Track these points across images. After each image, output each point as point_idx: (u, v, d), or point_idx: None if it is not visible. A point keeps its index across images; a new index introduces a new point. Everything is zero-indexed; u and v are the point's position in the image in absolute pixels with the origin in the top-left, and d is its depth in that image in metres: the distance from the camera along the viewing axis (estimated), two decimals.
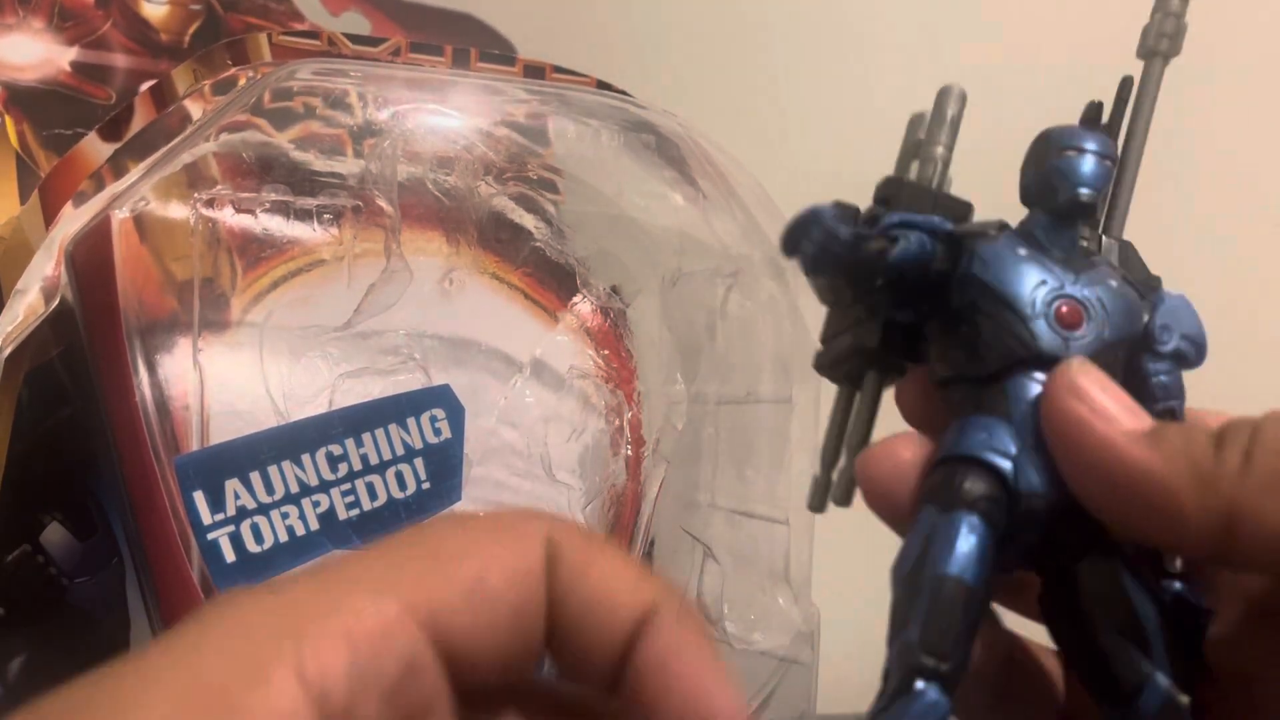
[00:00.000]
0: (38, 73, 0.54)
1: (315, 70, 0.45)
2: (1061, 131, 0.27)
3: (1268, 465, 0.23)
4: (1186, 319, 0.27)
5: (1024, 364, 0.25)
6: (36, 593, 0.42)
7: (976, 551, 0.24)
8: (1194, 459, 0.23)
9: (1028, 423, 0.25)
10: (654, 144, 0.49)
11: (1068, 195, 0.26)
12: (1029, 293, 0.26)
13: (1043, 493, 0.25)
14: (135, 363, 0.41)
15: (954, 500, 0.24)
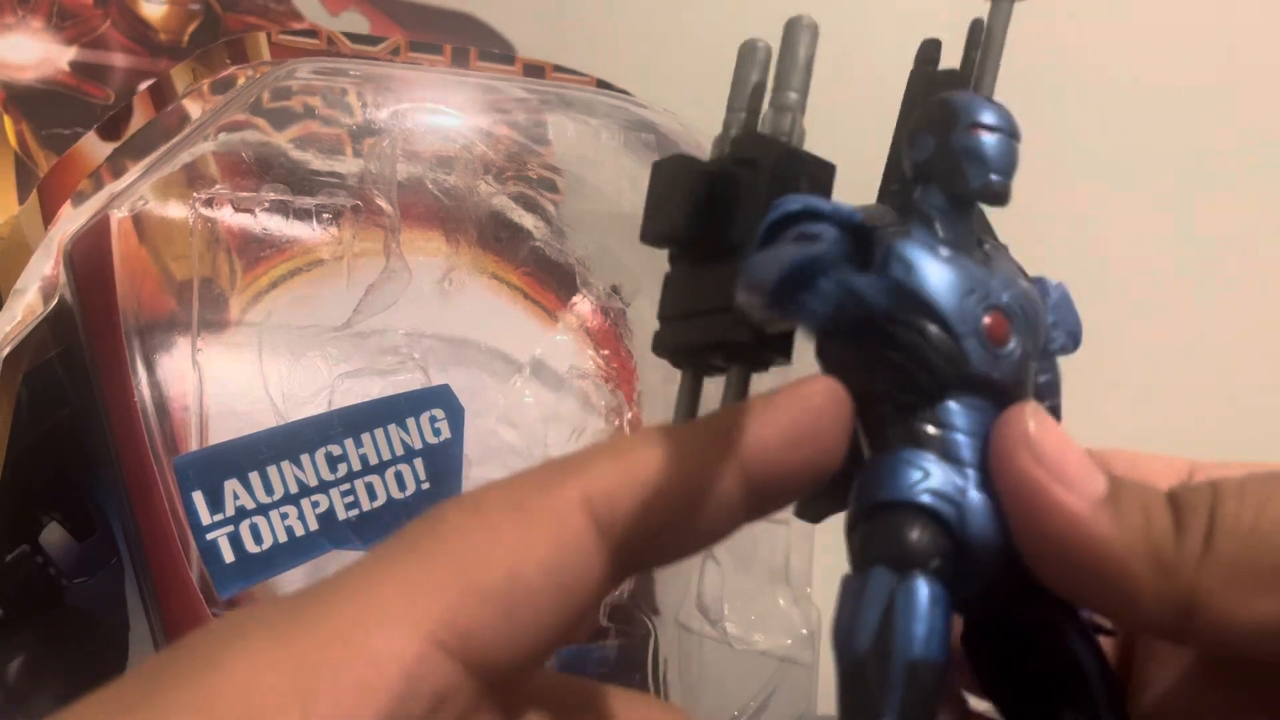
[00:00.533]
0: (37, 72, 0.54)
1: (314, 69, 0.45)
2: (970, 102, 0.23)
3: (1228, 554, 0.21)
4: (1073, 315, 0.25)
5: (953, 387, 0.22)
6: (35, 593, 0.42)
7: (942, 622, 0.21)
8: (1154, 539, 0.22)
9: (964, 459, 0.22)
10: (654, 143, 0.49)
11: (981, 182, 0.23)
12: (958, 304, 0.22)
13: (990, 541, 0.22)
14: (134, 363, 0.41)
15: (906, 559, 0.21)
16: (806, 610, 0.49)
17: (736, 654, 0.47)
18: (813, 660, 0.49)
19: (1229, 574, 0.21)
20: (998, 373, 0.23)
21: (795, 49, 0.27)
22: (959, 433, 0.22)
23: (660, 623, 0.46)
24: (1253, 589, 0.21)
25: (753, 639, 0.48)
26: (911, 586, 0.21)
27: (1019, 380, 0.23)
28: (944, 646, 0.21)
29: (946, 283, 0.22)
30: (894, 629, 0.21)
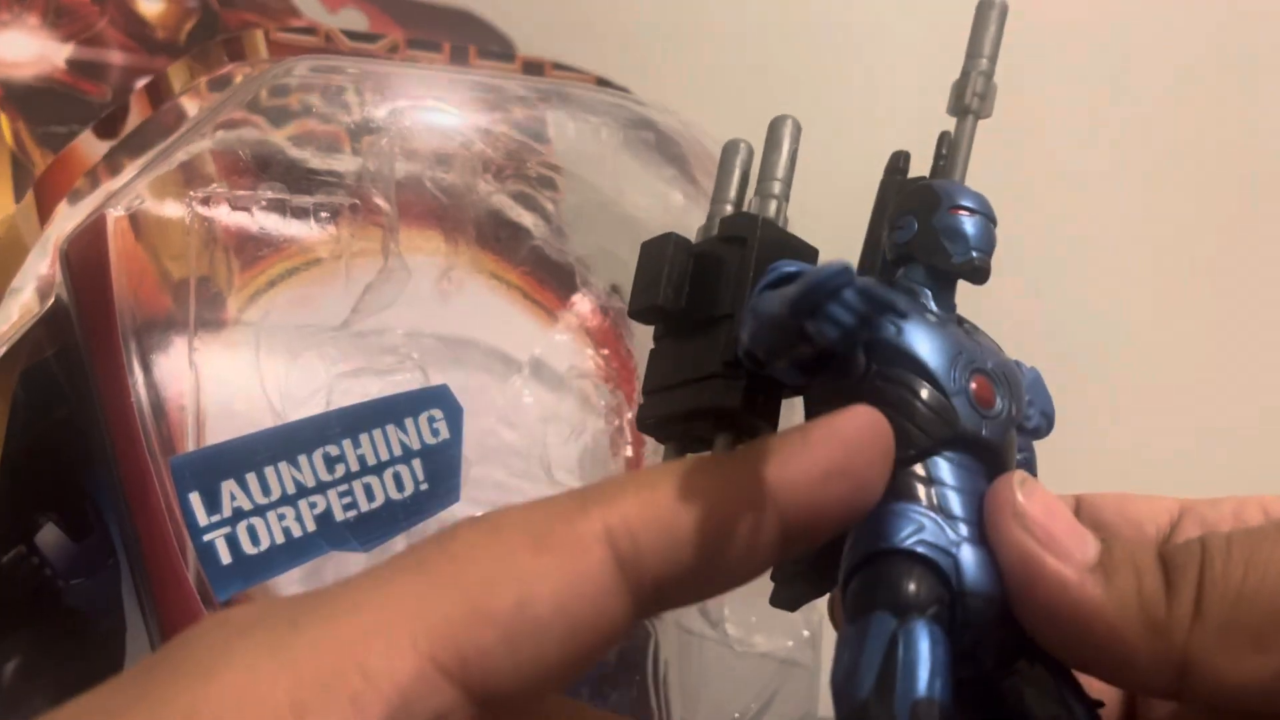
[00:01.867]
0: (33, 70, 0.54)
1: (312, 67, 0.45)
2: (952, 188, 0.26)
3: (1217, 615, 0.22)
4: (1045, 396, 0.26)
5: (943, 444, 0.23)
6: (31, 594, 0.42)
7: (943, 664, 0.21)
8: (1145, 603, 0.22)
9: (955, 513, 0.23)
10: (654, 141, 0.49)
11: (964, 258, 0.25)
12: (947, 365, 0.24)
13: (984, 592, 0.23)
14: (131, 362, 0.40)
15: (907, 605, 0.22)
16: (807, 612, 0.48)
17: (737, 656, 0.47)
18: (814, 662, 0.49)
19: (1220, 635, 0.22)
20: (986, 432, 0.24)
21: (780, 143, 0.29)
22: (949, 489, 0.23)
23: (660, 624, 0.46)
24: (1242, 648, 0.22)
25: (753, 641, 0.48)
26: (913, 628, 0.22)
27: (1006, 443, 0.24)
28: (946, 688, 0.21)
29: (935, 344, 0.24)
30: (896, 670, 0.21)
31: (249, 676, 0.19)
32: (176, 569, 0.39)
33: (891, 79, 0.67)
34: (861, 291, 0.20)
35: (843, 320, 0.20)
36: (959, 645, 0.22)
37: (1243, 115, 0.68)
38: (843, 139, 0.67)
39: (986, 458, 0.24)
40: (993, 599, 0.23)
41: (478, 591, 0.20)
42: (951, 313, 0.25)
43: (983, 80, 0.29)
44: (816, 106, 0.68)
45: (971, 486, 0.23)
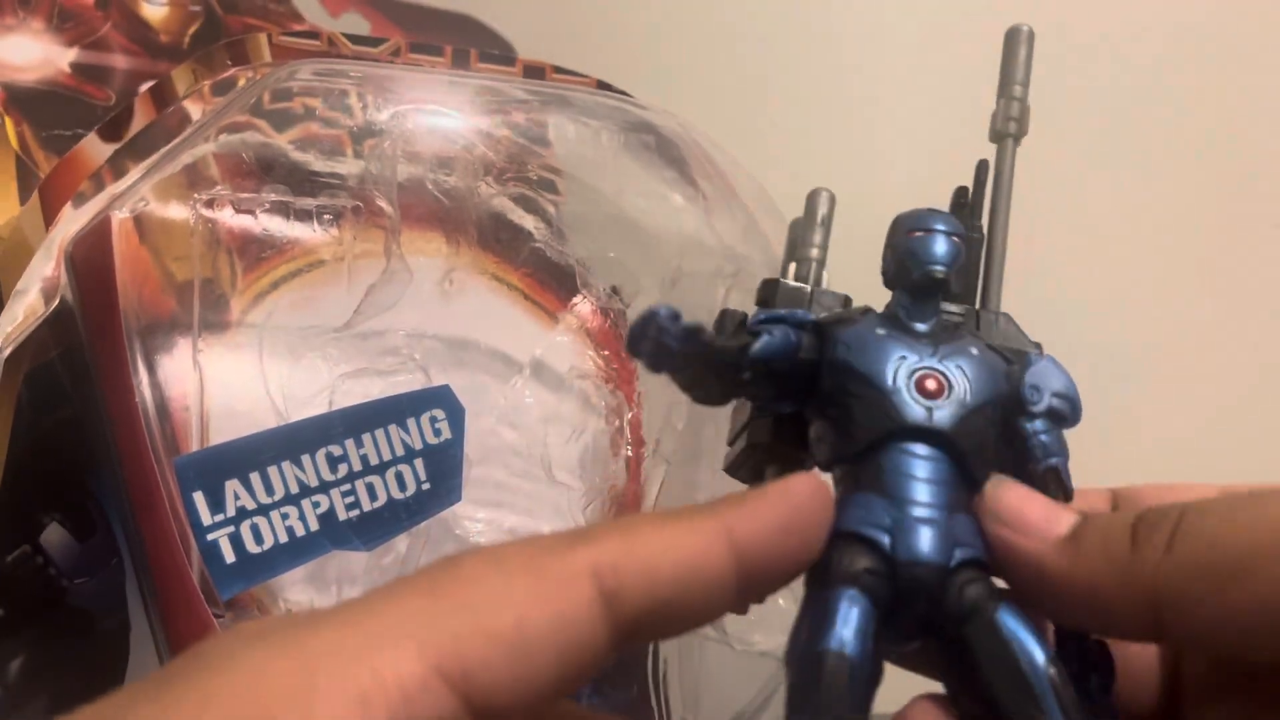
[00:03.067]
0: (37, 74, 0.54)
1: (315, 70, 0.45)
2: (910, 215, 0.28)
3: (1188, 554, 0.23)
4: (1055, 378, 0.28)
5: (893, 436, 0.26)
6: (36, 593, 0.42)
7: (857, 624, 0.24)
8: (1112, 556, 0.24)
9: (902, 493, 0.26)
10: (654, 144, 0.49)
11: (920, 272, 0.28)
12: (890, 368, 0.27)
13: (922, 560, 0.25)
14: (135, 363, 0.41)
15: (833, 577, 0.25)
16: None
17: (737, 654, 0.47)
18: None
19: (1191, 572, 0.23)
20: (931, 421, 0.26)
21: (815, 212, 0.33)
22: (899, 474, 0.26)
23: None
24: (1212, 585, 0.23)
25: (753, 639, 0.48)
26: (834, 595, 0.25)
27: (965, 430, 0.27)
28: (859, 645, 0.24)
29: (873, 354, 0.27)
30: (817, 631, 0.24)
31: (262, 670, 0.20)
32: (180, 568, 0.40)
33: (892, 79, 0.67)
34: (659, 327, 0.24)
35: (646, 349, 0.25)
36: (911, 610, 0.25)
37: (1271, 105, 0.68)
38: (843, 140, 0.67)
39: (943, 441, 0.26)
40: (931, 565, 0.25)
41: (482, 613, 0.21)
42: (928, 323, 0.28)
43: (1017, 106, 0.32)
44: (817, 109, 0.68)
45: (923, 471, 0.26)
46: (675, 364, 0.25)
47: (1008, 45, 0.33)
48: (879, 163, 0.65)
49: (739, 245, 0.49)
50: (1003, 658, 0.25)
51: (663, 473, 0.48)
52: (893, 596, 0.25)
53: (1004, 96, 0.32)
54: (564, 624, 0.22)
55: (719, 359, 0.27)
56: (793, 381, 0.28)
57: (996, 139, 0.32)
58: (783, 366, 0.28)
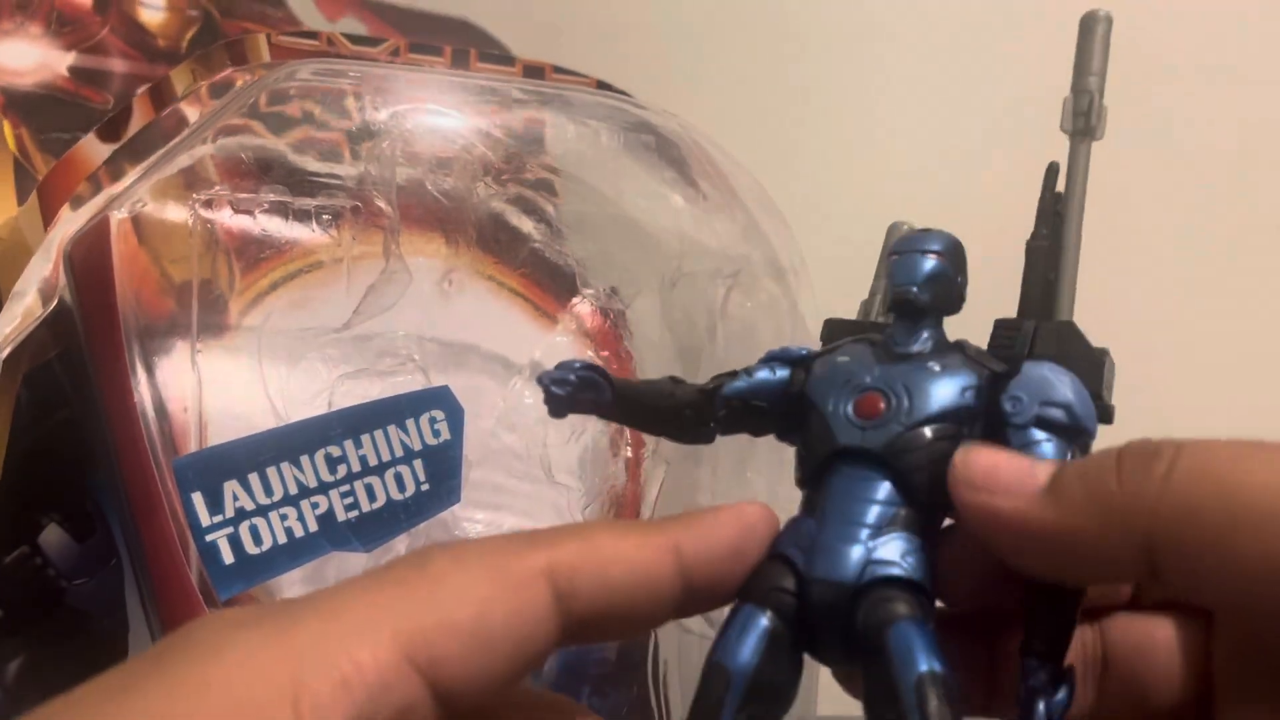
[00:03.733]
0: (36, 77, 0.54)
1: (314, 71, 0.45)
2: (898, 239, 0.29)
3: (1190, 493, 0.23)
4: (1046, 385, 0.27)
5: (836, 459, 0.27)
6: (35, 594, 0.42)
7: (747, 637, 0.25)
8: (1097, 494, 0.24)
9: (829, 513, 0.26)
10: (654, 144, 0.49)
11: (893, 294, 0.28)
12: (833, 393, 0.27)
13: (824, 578, 0.25)
14: (134, 364, 0.40)
15: (747, 593, 0.26)
16: None
17: None
18: (811, 663, 0.48)
19: (1192, 513, 0.22)
20: (864, 441, 0.26)
21: (889, 242, 0.34)
22: (832, 494, 0.26)
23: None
24: (1223, 529, 0.22)
25: None
26: (737, 610, 0.26)
27: (901, 448, 0.26)
28: (746, 658, 0.25)
29: (828, 380, 0.28)
30: (715, 644, 0.25)
31: (253, 658, 0.22)
32: (179, 569, 0.40)
33: (892, 79, 0.67)
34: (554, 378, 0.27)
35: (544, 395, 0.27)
36: (826, 623, 0.25)
37: None
38: (843, 140, 0.67)
39: (876, 461, 0.26)
40: (836, 583, 0.25)
41: (447, 605, 0.23)
42: (918, 344, 0.27)
43: (1087, 99, 0.31)
44: (817, 109, 0.68)
45: (860, 490, 0.26)
46: (573, 409, 0.27)
47: (1083, 31, 0.31)
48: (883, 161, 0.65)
49: (739, 245, 0.49)
50: (886, 675, 0.24)
51: (662, 473, 0.48)
52: (809, 613, 0.25)
53: (1076, 90, 0.31)
54: (520, 620, 0.24)
55: (675, 402, 0.28)
56: (785, 415, 0.28)
57: (1069, 136, 0.31)
58: (767, 403, 0.28)
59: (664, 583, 0.25)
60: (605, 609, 0.25)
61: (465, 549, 0.24)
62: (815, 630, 0.26)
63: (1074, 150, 0.31)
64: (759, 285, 0.49)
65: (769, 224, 0.49)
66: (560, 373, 0.27)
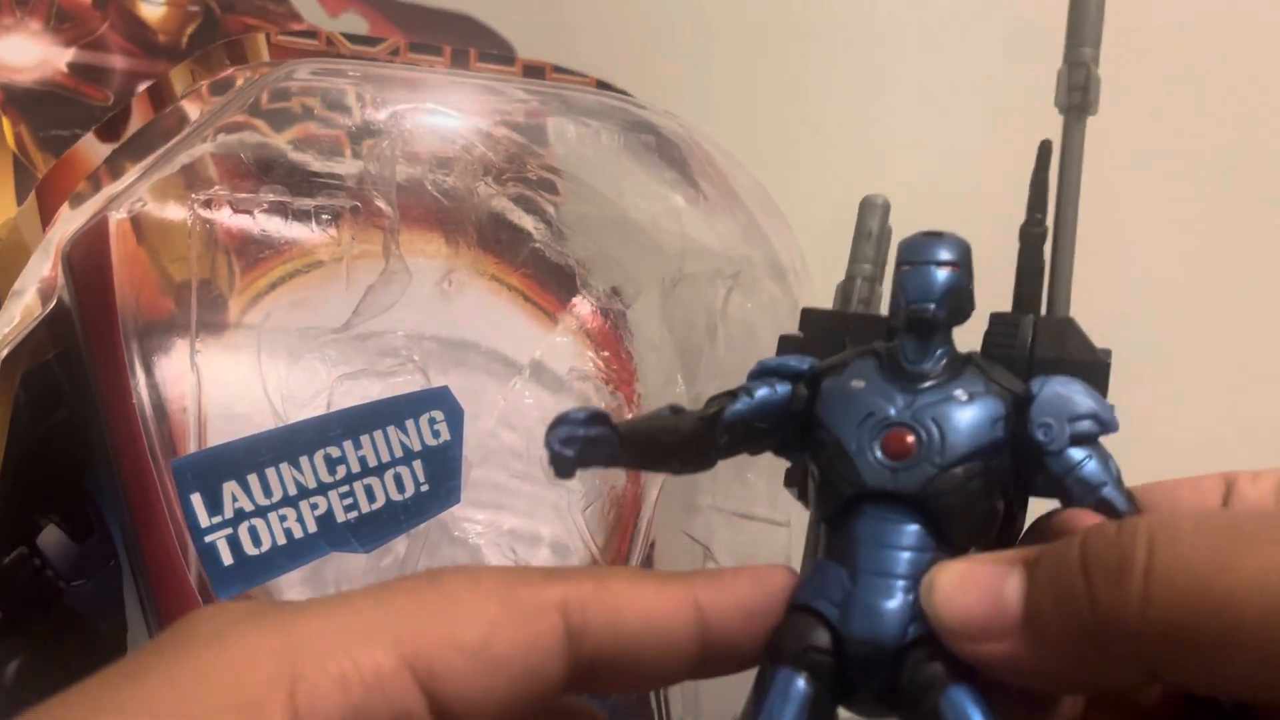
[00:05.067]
0: (35, 74, 0.54)
1: (313, 70, 0.45)
2: (904, 244, 0.26)
3: (1174, 606, 0.21)
4: (1067, 402, 0.25)
5: (859, 501, 0.25)
6: (33, 595, 0.42)
7: (791, 707, 0.24)
8: (1076, 628, 0.22)
9: (862, 564, 0.25)
10: (654, 144, 0.49)
11: (904, 311, 0.26)
12: (855, 428, 0.25)
13: (867, 639, 0.24)
14: (132, 364, 0.40)
15: (780, 653, 0.24)
16: None
17: None
18: None
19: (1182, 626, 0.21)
20: (895, 484, 0.25)
21: (867, 224, 0.31)
22: (860, 540, 0.25)
23: None
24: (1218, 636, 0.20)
25: None
26: (774, 673, 0.24)
27: (936, 491, 0.25)
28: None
29: (845, 410, 0.26)
30: (754, 713, 0.24)
31: (253, 648, 0.22)
32: (178, 570, 0.39)
33: (894, 78, 0.67)
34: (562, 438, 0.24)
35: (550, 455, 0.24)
36: (865, 685, 0.24)
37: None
38: (845, 138, 0.67)
39: (909, 505, 0.25)
40: (880, 644, 0.24)
41: (456, 626, 0.23)
42: (930, 362, 0.26)
43: (1084, 73, 0.29)
44: (818, 108, 0.68)
45: (892, 537, 0.25)
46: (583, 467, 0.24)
47: (1074, 1, 0.29)
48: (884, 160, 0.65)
49: (739, 246, 0.49)
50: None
51: (662, 477, 0.48)
52: (845, 672, 0.24)
53: (1069, 62, 0.28)
54: (527, 650, 0.23)
55: (680, 437, 0.26)
56: (790, 432, 0.27)
57: (1063, 110, 0.29)
58: (769, 422, 0.27)
59: (679, 635, 0.25)
60: (617, 654, 0.24)
61: (481, 572, 0.24)
62: (852, 685, 0.24)
63: (1069, 128, 0.29)
64: (760, 286, 0.49)
65: (770, 224, 0.49)
66: (567, 430, 0.24)
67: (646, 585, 0.25)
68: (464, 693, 0.23)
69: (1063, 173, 0.28)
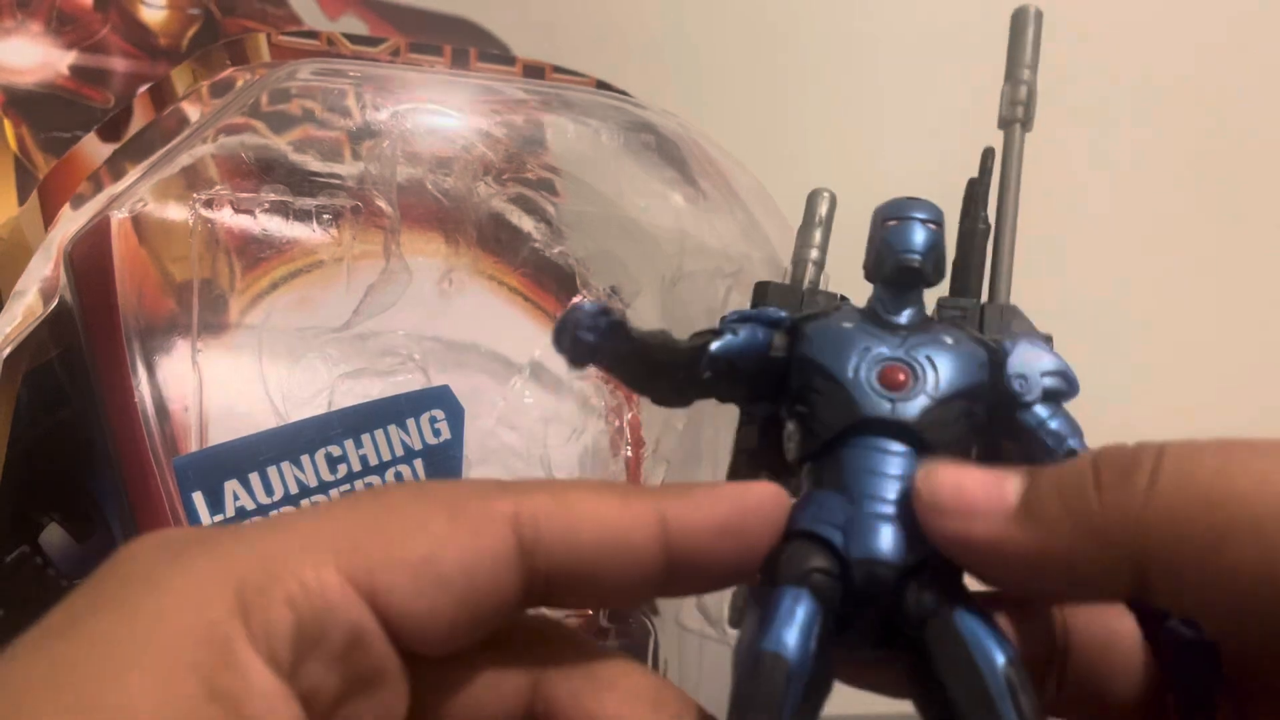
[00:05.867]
0: (36, 76, 0.54)
1: (314, 71, 0.45)
2: (887, 204, 0.27)
3: (1178, 505, 0.21)
4: (1039, 358, 0.27)
5: (855, 430, 0.25)
6: (35, 594, 0.42)
7: (799, 624, 0.23)
8: (1076, 511, 0.22)
9: (860, 489, 0.25)
10: (654, 144, 0.49)
11: (893, 261, 0.26)
12: (850, 360, 0.26)
13: (876, 558, 0.24)
14: (134, 364, 0.40)
15: (780, 575, 0.24)
16: None
17: None
18: None
19: (1183, 525, 0.21)
20: (894, 414, 0.25)
21: (814, 212, 0.32)
22: (859, 469, 0.25)
23: (660, 623, 0.46)
24: (1215, 540, 0.21)
25: None
26: (779, 593, 0.24)
27: (931, 421, 0.25)
28: (799, 645, 0.23)
29: (835, 346, 0.26)
30: (758, 631, 0.23)
31: (198, 581, 0.21)
32: None
33: (894, 73, 0.67)
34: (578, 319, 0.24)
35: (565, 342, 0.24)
36: (867, 608, 0.24)
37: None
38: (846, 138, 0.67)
39: (908, 435, 0.25)
40: (885, 563, 0.24)
41: (397, 539, 0.22)
42: (907, 315, 0.27)
43: (1025, 90, 0.31)
44: (818, 107, 0.68)
45: (886, 466, 0.25)
46: (596, 358, 0.25)
47: (1014, 27, 0.31)
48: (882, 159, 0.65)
49: (739, 245, 0.49)
50: (958, 661, 0.23)
51: (663, 473, 0.48)
52: (846, 598, 0.24)
53: (1010, 80, 0.31)
54: (475, 564, 0.22)
55: (672, 358, 0.26)
56: (763, 381, 0.27)
57: (1003, 126, 0.31)
58: (750, 366, 0.27)
59: (642, 551, 0.23)
60: (574, 569, 0.23)
61: (429, 487, 0.24)
62: (851, 616, 0.24)
63: (1009, 139, 0.31)
64: None
65: (769, 223, 0.49)
66: (588, 317, 0.24)
67: (609, 499, 0.24)
68: (412, 610, 0.22)
69: (1005, 176, 0.31)
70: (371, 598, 0.22)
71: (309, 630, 0.21)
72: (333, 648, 0.22)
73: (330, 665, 0.22)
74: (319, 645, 0.21)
